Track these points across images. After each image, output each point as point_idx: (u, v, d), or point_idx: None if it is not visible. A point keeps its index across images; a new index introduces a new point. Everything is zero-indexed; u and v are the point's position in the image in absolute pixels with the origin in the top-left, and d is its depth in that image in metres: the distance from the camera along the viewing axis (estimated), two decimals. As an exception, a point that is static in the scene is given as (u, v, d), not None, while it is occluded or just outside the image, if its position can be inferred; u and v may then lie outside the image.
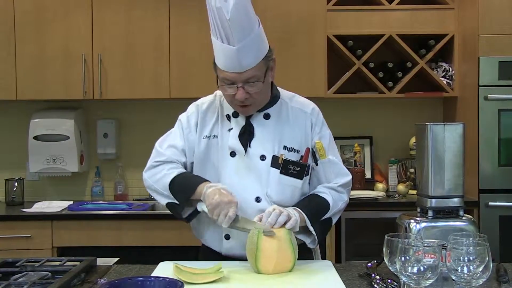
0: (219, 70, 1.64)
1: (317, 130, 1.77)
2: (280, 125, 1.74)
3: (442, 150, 1.63)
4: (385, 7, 3.28)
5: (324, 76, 3.25)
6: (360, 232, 3.03)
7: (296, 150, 1.73)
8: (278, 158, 1.70)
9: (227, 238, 1.71)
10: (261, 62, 1.62)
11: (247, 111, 1.70)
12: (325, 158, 1.75)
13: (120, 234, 2.96)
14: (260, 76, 1.63)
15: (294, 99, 1.81)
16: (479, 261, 1.19)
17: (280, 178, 1.70)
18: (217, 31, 1.58)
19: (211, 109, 1.78)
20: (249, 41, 1.57)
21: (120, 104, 3.50)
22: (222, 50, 1.59)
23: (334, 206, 1.73)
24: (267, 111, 1.74)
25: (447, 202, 1.64)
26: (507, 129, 3.01)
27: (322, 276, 1.54)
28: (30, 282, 1.42)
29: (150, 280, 1.30)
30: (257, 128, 1.72)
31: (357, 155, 3.42)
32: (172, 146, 1.77)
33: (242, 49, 1.56)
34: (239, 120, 1.73)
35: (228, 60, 1.58)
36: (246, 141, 1.71)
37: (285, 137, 1.73)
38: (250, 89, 1.62)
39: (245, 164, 1.70)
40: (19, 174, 3.45)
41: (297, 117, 1.76)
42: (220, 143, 1.73)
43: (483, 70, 3.02)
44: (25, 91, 3.22)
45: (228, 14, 1.52)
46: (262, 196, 1.70)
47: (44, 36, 3.21)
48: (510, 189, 3.01)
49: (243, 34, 1.56)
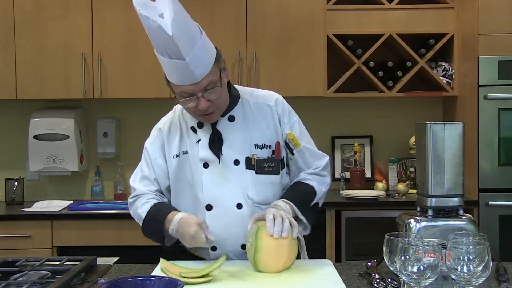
0: (174, 86, 1.61)
1: (285, 120, 1.76)
2: (246, 124, 1.72)
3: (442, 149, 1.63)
4: (385, 7, 3.28)
5: (324, 75, 3.25)
6: (360, 232, 3.03)
7: (267, 146, 1.72)
8: (251, 159, 1.69)
9: (214, 249, 1.72)
10: (213, 66, 1.59)
11: (212, 118, 1.68)
12: (299, 146, 1.75)
13: (120, 233, 2.96)
14: (216, 80, 1.61)
15: (255, 94, 1.79)
16: (479, 260, 1.19)
17: (258, 178, 1.70)
18: (162, 49, 1.54)
19: (173, 127, 1.77)
20: (197, 50, 1.54)
21: (120, 103, 3.50)
22: (172, 65, 1.55)
23: (319, 191, 1.76)
24: (231, 113, 1.72)
25: (447, 201, 1.64)
26: (507, 129, 3.01)
27: (322, 275, 1.54)
28: (30, 282, 1.42)
29: (150, 280, 1.30)
30: (225, 133, 1.71)
31: (357, 154, 3.42)
32: (143, 177, 1.79)
33: (192, 60, 1.53)
34: (205, 129, 1.72)
35: (181, 74, 1.55)
36: (218, 148, 1.70)
37: (254, 135, 1.72)
38: (210, 96, 1.60)
39: (220, 172, 1.69)
40: (19, 173, 3.45)
41: (262, 112, 1.74)
42: (191, 157, 1.72)
43: (483, 70, 3.02)
44: (25, 90, 3.22)
45: (170, 31, 1.48)
46: (243, 201, 1.69)
47: (44, 35, 3.20)
48: (509, 188, 3.01)
49: (189, 45, 1.53)
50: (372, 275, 1.50)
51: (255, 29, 3.22)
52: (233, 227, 1.68)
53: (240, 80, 3.19)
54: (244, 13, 3.22)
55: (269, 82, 3.19)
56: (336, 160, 3.54)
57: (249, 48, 3.23)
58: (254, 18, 3.22)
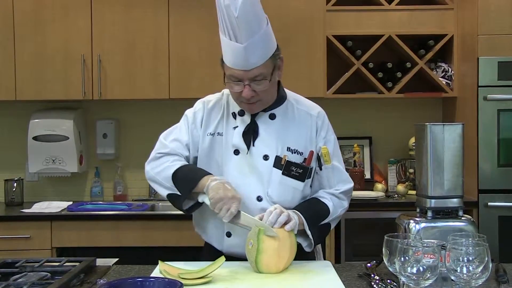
0: (226, 67, 1.65)
1: (322, 134, 1.77)
2: (285, 126, 1.74)
3: (442, 150, 1.63)
4: (384, 8, 3.29)
5: (323, 76, 3.25)
6: (360, 233, 3.03)
7: (299, 152, 1.73)
8: (281, 159, 1.70)
9: (229, 235, 1.72)
10: (268, 60, 1.63)
11: (254, 109, 1.71)
12: (329, 163, 1.75)
13: (119, 234, 2.96)
14: (267, 74, 1.64)
15: (301, 101, 1.82)
16: (478, 261, 1.19)
17: (282, 179, 1.71)
18: (225, 28, 1.59)
19: (217, 106, 1.79)
20: (257, 39, 1.58)
21: (120, 104, 3.50)
22: (229, 47, 1.60)
23: (333, 212, 1.74)
24: (273, 111, 1.75)
25: (446, 202, 1.64)
26: (506, 129, 3.01)
27: (322, 276, 1.54)
28: (29, 283, 1.42)
29: (150, 281, 1.30)
30: (262, 128, 1.73)
31: (357, 155, 3.42)
32: (176, 139, 1.77)
33: (249, 47, 1.57)
34: (244, 118, 1.74)
35: (235, 57, 1.59)
36: (250, 139, 1.72)
37: (290, 138, 1.73)
38: (257, 87, 1.63)
39: (248, 162, 1.71)
40: (18, 174, 3.45)
41: (302, 119, 1.77)
42: (225, 141, 1.74)
43: (482, 71, 3.02)
44: (25, 91, 3.22)
45: (236, 12, 1.53)
46: (263, 195, 1.70)
47: (43, 36, 3.20)
48: (509, 189, 3.01)
49: (250, 31, 1.56)
50: (372, 276, 1.50)
51: (255, 30, 3.22)
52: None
53: (240, 81, 3.19)
54: (244, 14, 3.21)
55: (269, 83, 3.19)
56: (336, 161, 3.53)
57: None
58: (254, 19, 3.22)
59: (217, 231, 1.73)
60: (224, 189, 1.58)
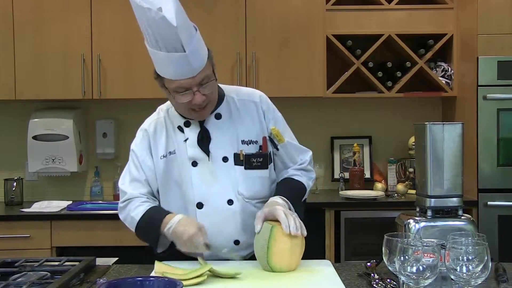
0: (168, 81, 1.61)
1: (269, 116, 1.78)
2: (232, 121, 1.75)
3: (441, 149, 1.63)
4: (384, 7, 3.29)
5: (323, 76, 3.25)
6: (359, 232, 3.03)
7: (254, 142, 1.75)
8: (239, 155, 1.72)
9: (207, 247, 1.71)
10: (207, 61, 1.62)
11: (204, 114, 1.69)
12: (283, 141, 1.78)
13: (119, 234, 2.96)
14: (210, 75, 1.64)
15: (239, 92, 1.81)
16: (478, 261, 1.19)
17: (247, 173, 1.72)
18: (160, 42, 1.54)
19: (159, 127, 1.78)
20: (195, 43, 1.57)
21: (119, 104, 3.50)
22: (170, 59, 1.55)
23: (308, 187, 1.80)
24: (217, 111, 1.74)
25: (446, 201, 1.64)
26: (506, 129, 3.01)
27: (321, 275, 1.54)
28: (29, 282, 1.42)
29: (149, 280, 1.30)
30: (212, 131, 1.73)
31: (356, 154, 3.42)
32: (133, 180, 1.77)
33: (191, 53, 1.55)
34: (192, 128, 1.73)
35: (179, 67, 1.56)
36: (206, 146, 1.71)
37: (241, 132, 1.74)
38: (206, 90, 1.62)
39: (209, 170, 1.70)
40: (18, 174, 3.45)
41: (247, 108, 1.77)
42: (179, 157, 1.72)
43: (482, 70, 3.02)
44: (24, 91, 3.22)
45: (174, 22, 1.49)
46: (233, 197, 1.71)
47: (43, 36, 3.20)
48: (509, 188, 3.01)
49: (190, 37, 1.55)
50: (371, 276, 1.51)
51: (254, 30, 3.22)
52: (225, 223, 1.70)
53: (240, 80, 3.19)
54: (243, 13, 3.22)
55: (268, 82, 3.19)
56: (335, 160, 3.54)
57: (248, 49, 3.23)
58: (253, 19, 3.22)
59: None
60: (182, 232, 1.58)
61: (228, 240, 1.71)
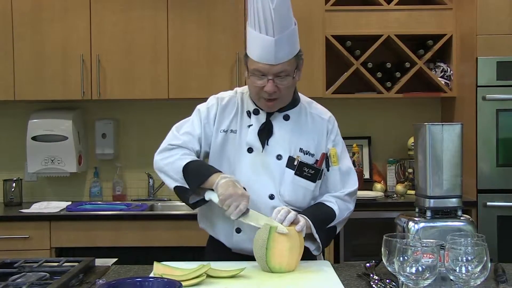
0: (251, 61, 1.66)
1: (332, 137, 1.80)
2: (298, 127, 1.77)
3: (440, 150, 1.63)
4: (383, 8, 3.29)
5: (322, 76, 3.25)
6: (359, 232, 3.03)
7: (311, 154, 1.76)
8: (294, 160, 1.73)
9: (238, 231, 1.72)
10: (293, 58, 1.67)
11: (272, 106, 1.72)
12: (337, 165, 1.78)
13: (118, 234, 2.96)
14: (290, 71, 1.67)
15: (313, 105, 1.86)
16: (477, 261, 1.19)
17: (294, 179, 1.73)
18: (256, 21, 1.61)
19: (231, 104, 1.80)
20: (287, 34, 1.62)
21: (119, 104, 3.49)
22: (259, 40, 1.61)
23: (340, 215, 1.75)
24: (287, 112, 1.77)
25: (445, 202, 1.64)
26: (505, 129, 3.01)
27: (321, 276, 1.54)
28: (28, 283, 1.41)
29: (149, 281, 1.30)
30: (276, 128, 1.75)
31: (356, 155, 3.42)
32: (188, 133, 1.77)
33: (279, 41, 1.60)
34: (259, 117, 1.75)
35: (263, 50, 1.62)
36: (265, 138, 1.73)
37: (302, 140, 1.76)
38: (280, 82, 1.66)
39: (261, 161, 1.72)
40: (17, 174, 3.45)
41: (315, 122, 1.80)
42: (238, 139, 1.75)
43: (481, 70, 3.02)
44: (23, 91, 3.22)
45: (273, 3, 1.56)
46: (275, 193, 1.72)
47: (42, 36, 3.20)
48: (508, 189, 3.01)
49: (283, 25, 1.60)
50: (371, 276, 1.51)
51: (254, 30, 3.22)
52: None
53: (239, 80, 3.19)
54: (243, 13, 3.22)
55: (268, 83, 3.19)
56: (335, 161, 3.53)
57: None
58: (253, 19, 3.22)
59: (226, 226, 1.73)
60: (233, 186, 1.59)
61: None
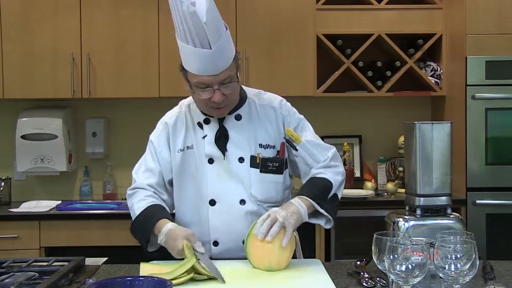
0: (191, 75, 1.63)
1: (289, 120, 1.78)
2: (252, 124, 1.75)
3: (430, 148, 1.64)
4: (374, 7, 3.30)
5: (313, 75, 3.25)
6: (349, 231, 3.04)
7: (271, 146, 1.75)
8: (256, 158, 1.72)
9: (216, 245, 1.73)
10: (232, 62, 1.63)
11: (222, 113, 1.71)
12: (301, 140, 1.76)
13: (109, 233, 2.95)
14: (233, 76, 1.64)
15: (261, 96, 1.82)
16: (466, 259, 1.20)
17: (261, 176, 1.72)
18: (189, 36, 1.56)
19: (179, 121, 1.78)
20: (223, 42, 1.58)
21: (109, 103, 3.48)
22: (195, 54, 1.57)
23: (335, 182, 1.74)
24: (238, 112, 1.75)
25: (435, 200, 1.65)
26: (494, 128, 3.04)
27: (312, 274, 1.55)
28: (17, 283, 1.40)
29: (139, 280, 1.30)
30: (231, 131, 1.73)
31: (346, 154, 3.43)
32: (147, 170, 1.78)
33: (217, 51, 1.56)
34: (211, 126, 1.74)
35: (203, 63, 1.58)
36: (223, 145, 1.72)
37: (259, 135, 1.74)
38: (226, 90, 1.63)
39: (224, 168, 1.71)
40: (6, 173, 3.42)
41: (267, 113, 1.77)
42: (197, 153, 1.74)
43: (471, 70, 3.04)
44: (13, 90, 3.19)
45: (204, 18, 1.51)
46: (246, 198, 1.71)
47: (31, 36, 3.18)
48: (497, 187, 3.04)
49: (217, 36, 1.56)
50: (361, 274, 1.51)
51: (245, 29, 3.22)
52: (236, 223, 1.69)
53: (230, 79, 3.18)
54: (234, 12, 3.21)
55: (259, 81, 3.18)
56: (326, 159, 3.54)
57: (238, 48, 3.17)
58: (244, 18, 3.22)
59: (204, 240, 1.69)
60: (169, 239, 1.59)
61: (237, 239, 1.70)
